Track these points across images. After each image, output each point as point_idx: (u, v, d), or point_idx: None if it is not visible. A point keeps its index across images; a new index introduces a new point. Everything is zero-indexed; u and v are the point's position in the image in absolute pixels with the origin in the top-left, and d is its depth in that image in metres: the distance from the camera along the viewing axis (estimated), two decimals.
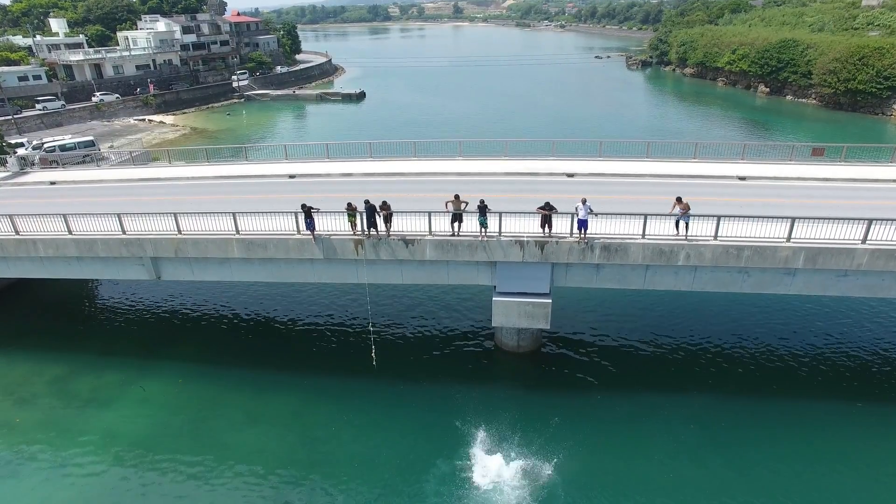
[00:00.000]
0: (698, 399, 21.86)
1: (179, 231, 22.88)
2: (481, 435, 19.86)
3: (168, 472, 19.16)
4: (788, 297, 26.67)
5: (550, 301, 21.78)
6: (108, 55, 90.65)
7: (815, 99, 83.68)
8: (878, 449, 19.34)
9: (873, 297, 23.20)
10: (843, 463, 18.79)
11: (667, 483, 18.09)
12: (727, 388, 22.44)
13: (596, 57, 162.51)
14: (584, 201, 20.11)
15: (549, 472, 18.27)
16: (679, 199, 20.49)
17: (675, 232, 20.68)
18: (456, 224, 21.42)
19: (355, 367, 23.93)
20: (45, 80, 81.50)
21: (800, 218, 19.87)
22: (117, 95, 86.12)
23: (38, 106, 76.23)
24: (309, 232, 21.73)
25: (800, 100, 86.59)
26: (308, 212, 21.23)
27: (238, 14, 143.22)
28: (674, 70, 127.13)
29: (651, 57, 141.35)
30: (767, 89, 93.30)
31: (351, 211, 21.34)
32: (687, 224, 20.45)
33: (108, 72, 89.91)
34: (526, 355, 24.77)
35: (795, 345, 25.06)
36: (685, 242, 20.45)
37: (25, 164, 38.39)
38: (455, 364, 24.35)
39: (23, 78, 79.31)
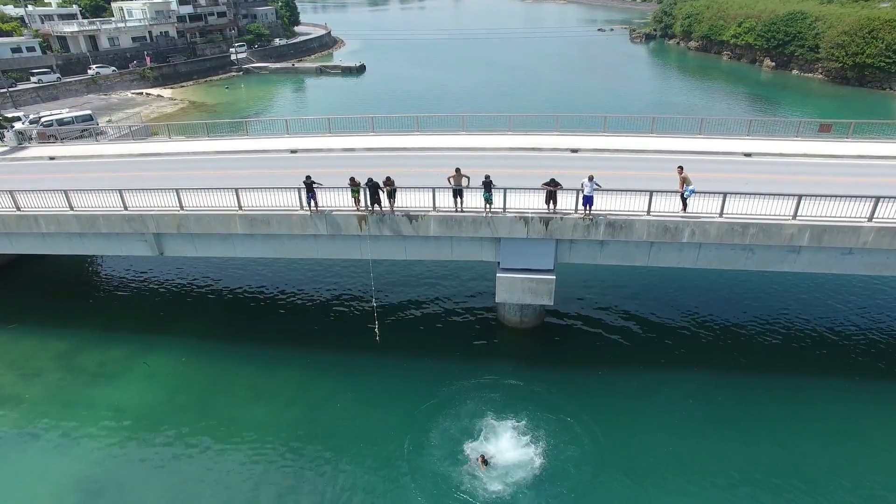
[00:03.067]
0: (700, 375, 22.02)
1: (181, 207, 22.75)
2: (483, 410, 20.07)
3: (173, 446, 19.42)
4: (791, 275, 26.67)
5: (554, 277, 21.74)
6: (103, 26, 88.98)
7: (821, 73, 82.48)
8: (879, 424, 19.56)
9: (877, 275, 23.24)
10: (844, 437, 19.01)
11: (668, 457, 18.34)
12: (729, 365, 22.59)
13: (599, 30, 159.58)
14: (590, 178, 19.94)
15: (551, 446, 18.49)
16: (680, 169, 20.29)
17: (682, 209, 20.57)
18: (458, 199, 21.30)
19: (359, 343, 24.06)
20: (39, 52, 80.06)
21: (806, 195, 19.73)
22: (114, 68, 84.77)
23: (33, 79, 75.12)
24: (313, 207, 21.60)
25: (805, 74, 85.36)
26: (310, 186, 21.07)
27: None
28: (678, 43, 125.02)
29: (655, 30, 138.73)
30: (773, 63, 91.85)
31: (354, 186, 21.19)
32: (684, 199, 20.28)
33: (104, 44, 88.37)
34: (529, 331, 24.89)
35: (797, 322, 25.17)
36: (690, 219, 20.35)
37: (23, 138, 37.94)
38: (458, 339, 24.48)
39: (16, 50, 77.90)
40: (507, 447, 18.42)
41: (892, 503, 16.72)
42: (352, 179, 21.20)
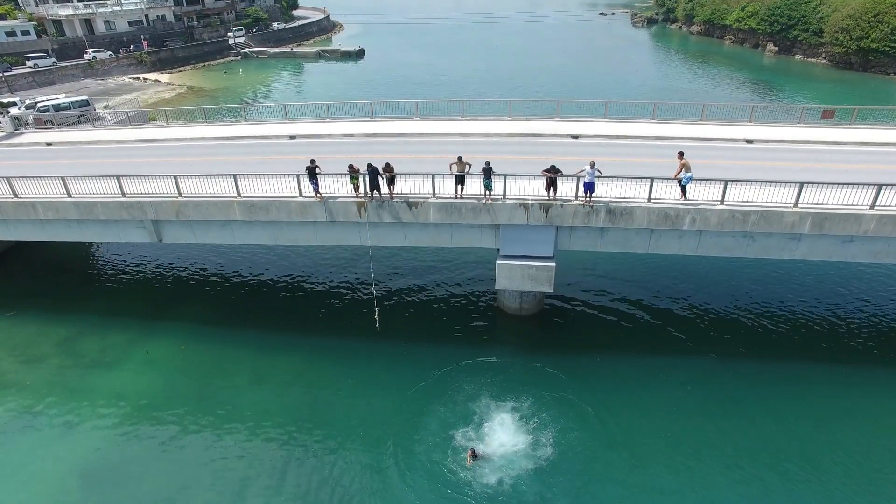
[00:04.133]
0: (697, 361, 22.09)
1: (180, 193, 22.63)
2: (482, 396, 20.15)
3: (174, 432, 19.53)
4: (791, 262, 26.63)
5: (554, 264, 21.73)
6: (99, 10, 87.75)
7: (824, 58, 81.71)
8: (876, 407, 19.67)
9: (877, 262, 23.15)
10: (842, 421, 19.12)
11: (666, 442, 18.46)
12: (726, 351, 22.64)
13: (600, 14, 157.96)
14: (592, 165, 19.80)
15: (550, 433, 18.59)
16: (680, 154, 20.14)
17: (682, 196, 20.47)
18: (459, 186, 21.19)
19: (358, 329, 24.10)
20: (34, 36, 79.10)
21: (808, 183, 19.61)
22: (110, 53, 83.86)
23: (28, 63, 74.31)
24: (314, 192, 21.52)
25: (809, 59, 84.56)
26: (313, 171, 20.98)
27: None
28: (680, 28, 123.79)
29: (657, 14, 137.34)
30: (776, 48, 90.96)
31: (353, 173, 21.06)
32: (683, 187, 20.18)
33: (100, 28, 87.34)
34: (528, 318, 24.92)
35: (795, 308, 25.19)
36: (691, 207, 20.25)
37: (20, 124, 37.64)
38: (457, 326, 24.51)
39: (10, 33, 76.91)
40: (505, 433, 18.50)
41: (890, 485, 16.85)
42: (350, 167, 21.07)
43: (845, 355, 22.35)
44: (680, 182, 20.21)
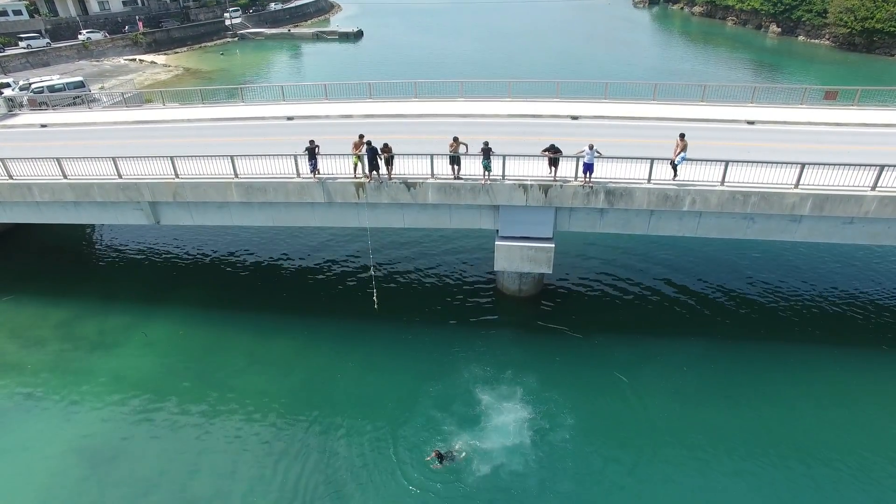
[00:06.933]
0: (695, 345, 22.07)
1: (177, 175, 22.45)
2: (481, 378, 20.22)
3: (173, 413, 19.59)
4: (790, 244, 26.62)
5: (553, 245, 21.67)
6: None
7: (828, 39, 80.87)
8: (874, 391, 19.73)
9: (876, 244, 23.13)
10: (838, 406, 19.18)
11: (663, 426, 18.50)
12: (724, 335, 22.66)
13: None
14: (591, 147, 19.62)
15: (548, 415, 18.68)
16: (682, 136, 19.94)
17: (673, 175, 20.32)
18: (455, 167, 21.04)
19: (357, 311, 24.09)
20: (26, 16, 78.03)
21: (809, 164, 19.46)
22: (105, 33, 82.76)
23: (21, 44, 73.37)
24: (311, 174, 21.38)
25: (812, 40, 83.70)
26: (313, 152, 20.82)
27: None
28: (682, 9, 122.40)
29: None
30: (779, 29, 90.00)
31: (360, 143, 20.90)
32: (675, 166, 20.01)
33: (94, 7, 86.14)
34: (527, 299, 24.91)
35: (793, 291, 25.17)
36: (691, 188, 20.13)
37: (14, 105, 37.26)
38: (456, 308, 24.51)
39: (2, 13, 75.84)
40: (501, 414, 18.59)
41: (887, 469, 16.99)
42: (360, 137, 20.99)
43: (845, 337, 22.36)
44: (672, 163, 20.07)
